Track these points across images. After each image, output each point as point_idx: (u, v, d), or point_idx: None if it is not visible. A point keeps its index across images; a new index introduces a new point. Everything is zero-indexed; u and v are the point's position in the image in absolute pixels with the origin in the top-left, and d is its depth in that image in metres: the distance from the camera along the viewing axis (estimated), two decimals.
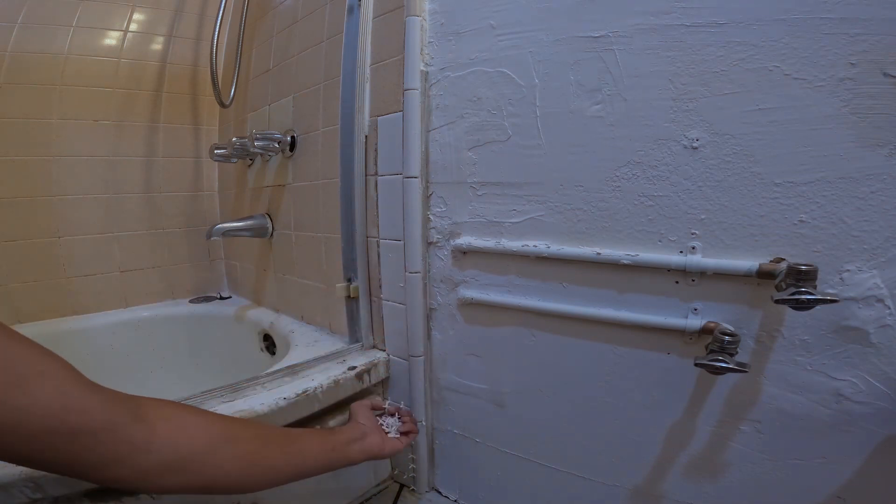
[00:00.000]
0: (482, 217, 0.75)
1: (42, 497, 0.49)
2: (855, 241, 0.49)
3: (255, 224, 1.18)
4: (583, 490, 0.73)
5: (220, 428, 0.49)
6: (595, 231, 0.64)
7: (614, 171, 0.61)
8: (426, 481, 0.92)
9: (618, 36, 0.59)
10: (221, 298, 1.42)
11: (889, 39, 0.45)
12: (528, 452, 0.78)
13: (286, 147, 1.09)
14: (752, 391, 0.56)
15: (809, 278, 0.46)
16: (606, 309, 0.64)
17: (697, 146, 0.55)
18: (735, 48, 0.52)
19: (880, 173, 0.47)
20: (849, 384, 0.51)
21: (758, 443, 0.57)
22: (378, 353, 0.91)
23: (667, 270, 0.59)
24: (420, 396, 0.86)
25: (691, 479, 0.63)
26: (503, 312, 0.75)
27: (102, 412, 0.39)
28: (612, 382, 0.66)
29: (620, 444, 0.68)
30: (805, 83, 0.49)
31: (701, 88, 0.54)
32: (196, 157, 1.40)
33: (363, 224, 0.89)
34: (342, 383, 0.80)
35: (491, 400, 0.80)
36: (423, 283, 0.82)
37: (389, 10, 0.81)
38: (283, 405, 0.70)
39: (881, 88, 0.46)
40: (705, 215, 0.56)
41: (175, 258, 1.38)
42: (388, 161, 0.83)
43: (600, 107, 0.62)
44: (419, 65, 0.77)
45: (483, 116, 0.72)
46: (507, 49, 0.69)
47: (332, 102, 0.93)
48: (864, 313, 0.49)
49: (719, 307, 0.57)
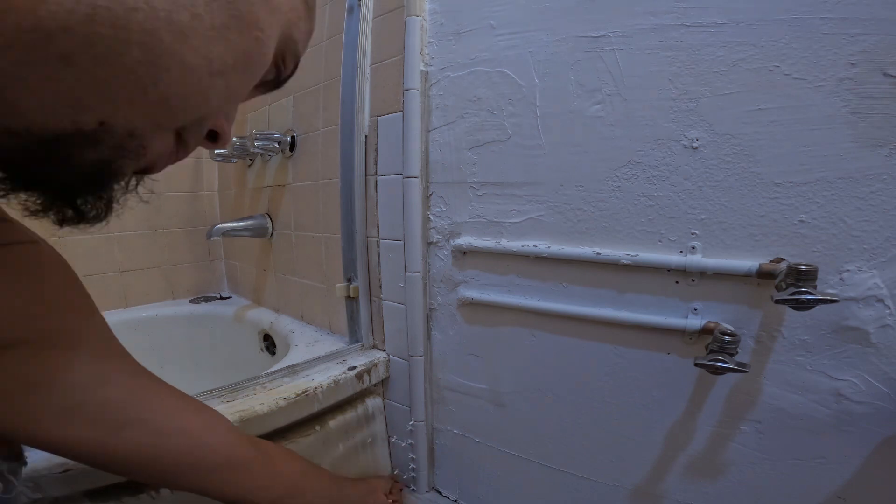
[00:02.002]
0: (482, 217, 0.75)
1: (42, 497, 0.49)
2: (855, 241, 0.49)
3: (255, 224, 1.18)
4: (583, 490, 0.73)
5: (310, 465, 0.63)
6: (595, 231, 0.64)
7: (614, 171, 0.61)
8: (426, 481, 0.92)
9: (618, 36, 0.59)
10: (221, 298, 1.42)
11: (889, 39, 0.45)
12: (528, 452, 0.78)
13: (286, 147, 1.09)
14: (752, 391, 0.56)
15: (809, 278, 0.46)
16: (606, 309, 0.64)
17: (697, 146, 0.55)
18: (735, 48, 0.52)
19: (880, 173, 0.47)
20: (849, 384, 0.51)
21: (758, 443, 0.57)
22: (378, 353, 0.91)
23: (667, 270, 0.59)
24: (420, 396, 0.86)
25: (691, 479, 0.63)
26: (503, 312, 0.75)
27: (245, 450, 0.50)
28: (611, 382, 0.66)
29: (620, 444, 0.68)
30: (805, 83, 0.49)
31: (701, 88, 0.54)
32: (196, 157, 1.40)
33: (363, 224, 0.89)
34: (342, 383, 0.80)
35: (491, 400, 0.80)
36: (423, 283, 0.82)
37: (389, 10, 0.81)
38: (283, 405, 0.70)
39: (881, 88, 0.46)
40: (705, 215, 0.56)
41: (175, 258, 1.38)
42: (388, 161, 0.83)
43: (600, 107, 0.62)
44: (419, 65, 0.77)
45: (483, 116, 0.72)
46: (507, 49, 0.69)
47: (332, 102, 0.93)
48: (864, 313, 0.49)
49: (719, 307, 0.57)
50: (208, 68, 0.25)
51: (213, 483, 0.46)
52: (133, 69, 0.22)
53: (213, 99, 0.27)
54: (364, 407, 0.88)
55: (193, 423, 0.45)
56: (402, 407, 0.90)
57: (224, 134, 0.32)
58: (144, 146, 0.26)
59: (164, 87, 0.24)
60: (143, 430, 0.40)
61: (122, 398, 0.39)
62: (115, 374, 0.40)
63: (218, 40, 0.25)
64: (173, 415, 0.44)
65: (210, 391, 0.69)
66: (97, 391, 0.38)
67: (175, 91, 0.24)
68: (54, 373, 0.35)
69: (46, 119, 0.23)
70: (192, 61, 0.24)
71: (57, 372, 0.35)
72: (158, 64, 0.23)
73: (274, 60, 0.30)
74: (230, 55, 0.26)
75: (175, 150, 0.30)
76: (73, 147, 0.24)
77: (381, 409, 0.92)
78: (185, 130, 0.29)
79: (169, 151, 0.29)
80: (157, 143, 0.27)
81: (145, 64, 0.22)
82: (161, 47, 0.22)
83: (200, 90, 0.25)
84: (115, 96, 0.23)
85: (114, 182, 0.28)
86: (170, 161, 0.30)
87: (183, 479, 0.45)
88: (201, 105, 0.27)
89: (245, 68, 0.27)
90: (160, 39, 0.22)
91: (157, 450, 0.42)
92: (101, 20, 0.21)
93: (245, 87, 0.29)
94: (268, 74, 0.31)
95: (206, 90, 0.26)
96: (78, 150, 0.24)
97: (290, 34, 0.30)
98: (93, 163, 0.25)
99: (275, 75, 0.32)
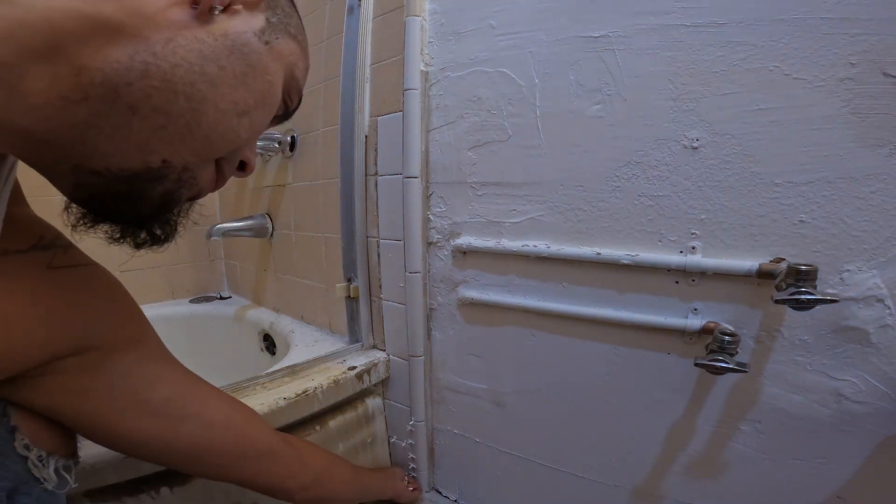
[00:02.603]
0: (482, 217, 0.75)
1: None
2: (855, 241, 0.49)
3: (255, 224, 1.18)
4: (583, 490, 0.73)
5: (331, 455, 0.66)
6: (595, 231, 0.64)
7: (614, 171, 0.61)
8: (426, 481, 0.92)
9: (618, 36, 0.59)
10: (221, 298, 1.42)
11: (889, 39, 0.45)
12: (528, 452, 0.78)
13: (286, 147, 1.09)
14: (752, 391, 0.56)
15: (809, 278, 0.46)
16: (606, 309, 0.64)
17: (697, 146, 0.55)
18: (735, 48, 0.52)
19: (880, 173, 0.47)
20: (849, 384, 0.51)
21: (758, 443, 0.57)
22: (378, 353, 0.91)
23: (667, 270, 0.59)
24: (420, 396, 0.86)
25: (691, 479, 0.63)
26: (503, 312, 0.75)
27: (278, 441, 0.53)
28: (612, 382, 0.66)
29: (621, 444, 0.68)
30: (805, 83, 0.49)
31: (701, 88, 0.54)
32: None
33: (363, 224, 0.89)
34: (342, 383, 0.80)
35: (491, 400, 0.80)
36: (424, 283, 0.82)
37: (389, 10, 0.80)
38: (283, 405, 0.70)
39: (881, 88, 0.46)
40: (705, 215, 0.56)
41: (175, 258, 1.38)
42: (388, 161, 0.83)
43: (600, 107, 0.62)
44: (419, 65, 0.77)
45: (483, 116, 0.72)
46: (507, 49, 0.69)
47: (332, 102, 0.93)
48: (864, 313, 0.49)
49: (719, 307, 0.57)
50: (235, 110, 0.31)
51: (251, 471, 0.50)
52: (182, 115, 0.28)
53: (243, 134, 0.33)
54: (364, 407, 0.88)
55: (237, 418, 0.50)
56: (402, 407, 0.90)
57: (250, 163, 0.38)
58: (195, 177, 0.32)
59: (206, 127, 0.30)
60: (197, 423, 0.45)
61: (179, 395, 0.44)
62: (172, 374, 0.45)
63: (240, 87, 0.31)
64: (220, 410, 0.48)
65: None
66: (160, 389, 0.43)
67: (214, 130, 0.30)
68: (124, 372, 0.40)
69: (121, 160, 0.28)
70: (223, 106, 0.30)
71: (126, 372, 0.40)
72: (199, 109, 0.29)
73: (282, 97, 0.37)
74: (251, 98, 0.32)
75: (216, 178, 0.35)
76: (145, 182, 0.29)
77: (381, 409, 0.92)
78: (223, 161, 0.35)
79: (212, 179, 0.35)
80: (205, 174, 0.33)
81: (190, 110, 0.28)
82: (200, 95, 0.28)
83: (232, 128, 0.31)
84: (171, 138, 0.28)
85: (177, 209, 0.34)
86: (212, 188, 0.36)
87: (227, 469, 0.49)
88: (235, 140, 0.33)
89: (263, 107, 0.34)
90: (198, 89, 0.28)
91: (209, 441, 0.46)
92: (153, 75, 0.26)
93: (264, 122, 0.36)
94: (278, 110, 0.37)
95: (236, 128, 0.32)
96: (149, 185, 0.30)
97: (293, 73, 0.37)
98: (161, 194, 0.31)
99: (284, 110, 0.39)
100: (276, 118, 0.39)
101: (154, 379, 0.43)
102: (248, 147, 0.37)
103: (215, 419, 0.47)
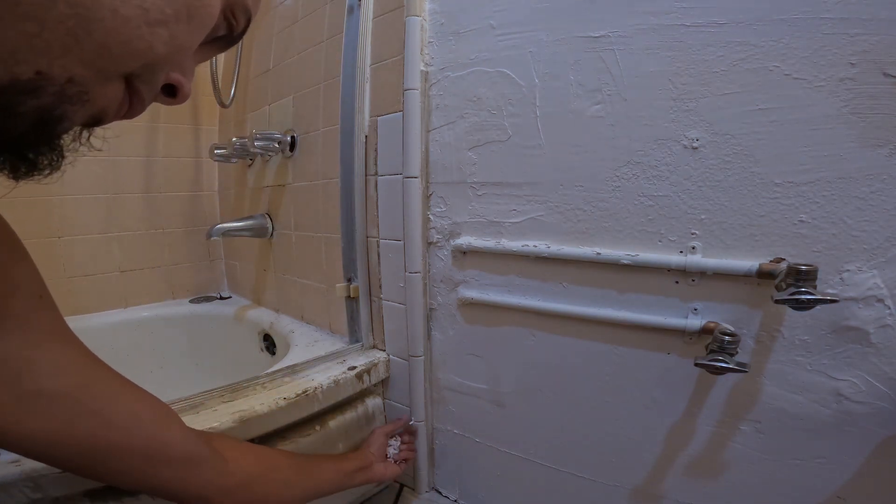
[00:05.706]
0: (482, 217, 0.75)
1: (42, 497, 0.49)
2: (855, 241, 0.49)
3: (255, 224, 1.18)
4: (583, 490, 0.73)
5: (266, 455, 0.58)
6: (595, 231, 0.64)
7: (614, 171, 0.61)
8: (426, 481, 0.92)
9: (618, 36, 0.59)
10: (221, 298, 1.42)
11: (889, 39, 0.45)
12: (528, 452, 0.78)
13: (286, 147, 1.09)
14: (752, 391, 0.56)
15: (809, 278, 0.46)
16: (606, 309, 0.64)
17: (697, 146, 0.55)
18: (735, 48, 0.52)
19: (880, 173, 0.47)
20: (849, 384, 0.51)
21: (758, 443, 0.57)
22: (378, 353, 0.91)
23: (667, 270, 0.59)
24: (420, 396, 0.86)
25: (691, 479, 0.63)
26: (503, 312, 0.75)
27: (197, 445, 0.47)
28: (612, 382, 0.66)
29: (620, 444, 0.68)
30: (805, 83, 0.49)
31: (701, 88, 0.54)
32: (196, 157, 1.40)
33: (363, 224, 0.89)
34: (342, 383, 0.80)
35: (491, 400, 0.80)
36: (424, 283, 0.82)
37: (389, 10, 0.80)
38: (283, 405, 0.70)
39: (881, 88, 0.46)
40: (705, 215, 0.56)
41: (175, 258, 1.38)
42: (388, 161, 0.83)
43: (600, 107, 0.62)
44: (419, 65, 0.77)
45: (483, 116, 0.72)
46: (507, 49, 0.69)
47: (332, 102, 0.93)
48: (864, 313, 0.49)
49: (719, 307, 0.57)
50: (145, 18, 0.26)
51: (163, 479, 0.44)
52: (62, 21, 0.24)
53: (158, 47, 0.28)
54: (364, 407, 0.88)
55: (146, 417, 0.43)
56: (402, 407, 0.90)
57: (182, 87, 0.32)
58: (88, 92, 0.27)
59: (100, 35, 0.25)
60: (96, 421, 0.38)
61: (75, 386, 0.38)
62: (69, 361, 0.38)
63: None
64: (126, 407, 0.42)
65: (210, 391, 0.69)
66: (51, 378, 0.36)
67: (112, 38, 0.25)
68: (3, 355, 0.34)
69: None
70: (126, 11, 0.25)
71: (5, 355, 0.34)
72: (87, 15, 0.24)
73: (224, 16, 0.31)
74: (168, 6, 0.27)
75: (127, 101, 0.30)
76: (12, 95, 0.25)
77: (382, 409, 0.92)
78: (136, 79, 0.29)
79: (119, 100, 0.29)
80: (104, 91, 0.28)
81: (73, 16, 0.24)
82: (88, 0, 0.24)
83: (140, 36, 0.27)
84: (47, 47, 0.24)
85: (61, 130, 0.28)
86: (122, 111, 0.31)
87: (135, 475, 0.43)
88: (145, 52, 0.27)
89: (188, 20, 0.29)
90: None
91: (108, 442, 0.39)
92: None
93: (192, 38, 0.30)
94: (219, 30, 0.32)
95: (147, 37, 0.27)
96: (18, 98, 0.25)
97: None
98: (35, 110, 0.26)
99: (227, 30, 0.33)
100: (219, 40, 0.33)
101: (45, 365, 0.36)
102: (176, 67, 0.31)
103: (117, 418, 0.40)
